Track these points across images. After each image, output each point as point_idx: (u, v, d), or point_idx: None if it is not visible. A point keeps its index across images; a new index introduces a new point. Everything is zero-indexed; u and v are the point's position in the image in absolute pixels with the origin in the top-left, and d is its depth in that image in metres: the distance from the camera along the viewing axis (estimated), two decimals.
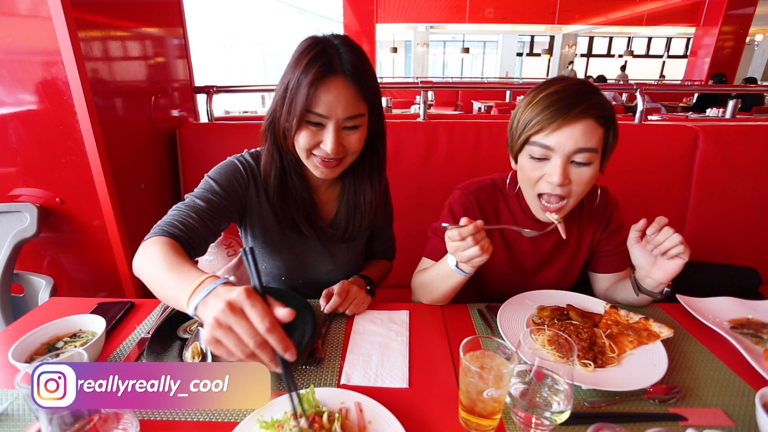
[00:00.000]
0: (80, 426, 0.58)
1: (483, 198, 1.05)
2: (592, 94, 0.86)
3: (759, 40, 12.74)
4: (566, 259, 1.09)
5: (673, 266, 0.87)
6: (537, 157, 0.88)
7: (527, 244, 1.06)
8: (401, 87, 7.47)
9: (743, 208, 1.69)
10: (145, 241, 0.78)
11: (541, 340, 0.80)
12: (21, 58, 1.29)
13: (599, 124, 0.84)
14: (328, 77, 0.82)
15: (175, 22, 1.79)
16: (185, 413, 0.68)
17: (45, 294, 1.40)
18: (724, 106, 3.28)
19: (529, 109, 0.88)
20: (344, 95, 0.84)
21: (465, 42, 15.61)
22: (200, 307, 0.59)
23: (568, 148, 0.83)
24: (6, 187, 1.42)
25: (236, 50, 15.41)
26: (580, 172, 0.86)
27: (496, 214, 1.05)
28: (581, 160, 0.84)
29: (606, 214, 1.07)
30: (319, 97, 0.82)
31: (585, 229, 1.07)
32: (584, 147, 0.83)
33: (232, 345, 0.54)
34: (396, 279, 1.66)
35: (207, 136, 1.72)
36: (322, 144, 0.87)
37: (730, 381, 0.76)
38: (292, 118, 0.86)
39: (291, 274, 1.12)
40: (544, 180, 0.88)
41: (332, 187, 1.08)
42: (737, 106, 2.72)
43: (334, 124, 0.85)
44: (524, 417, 0.63)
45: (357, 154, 0.94)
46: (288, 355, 0.55)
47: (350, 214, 1.07)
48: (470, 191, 1.05)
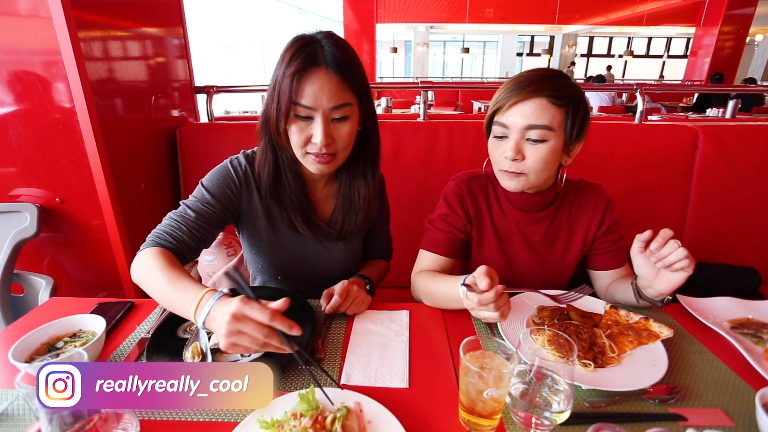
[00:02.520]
0: (80, 426, 0.58)
1: (474, 186, 1.08)
2: (551, 78, 0.90)
3: (759, 40, 12.74)
4: (558, 253, 1.09)
5: (676, 279, 0.86)
6: (498, 135, 0.95)
7: (518, 236, 1.07)
8: (401, 87, 7.46)
9: (743, 208, 1.69)
10: (141, 251, 0.86)
11: (541, 340, 0.80)
12: (21, 58, 1.29)
13: (552, 104, 0.89)
14: (311, 69, 0.84)
15: (175, 22, 1.80)
16: (185, 413, 0.68)
17: (45, 294, 1.40)
18: (724, 106, 3.28)
19: (496, 93, 0.95)
20: (327, 86, 0.85)
21: (465, 42, 15.63)
22: (207, 322, 0.69)
23: (519, 124, 0.90)
24: (6, 187, 1.42)
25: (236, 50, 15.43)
26: (535, 149, 0.90)
27: (487, 201, 1.08)
28: (535, 137, 0.90)
29: (598, 210, 1.06)
30: (303, 89, 0.84)
31: (576, 223, 1.08)
32: (535, 124, 0.88)
33: (246, 343, 0.65)
34: (396, 279, 1.66)
35: (207, 136, 1.72)
36: (312, 138, 0.88)
37: (730, 381, 0.76)
38: (281, 114, 0.87)
39: (289, 273, 1.13)
40: (502, 156, 0.94)
41: (328, 185, 1.09)
42: (737, 106, 2.72)
43: (322, 115, 0.86)
44: (524, 417, 0.63)
45: (349, 148, 0.95)
46: (294, 331, 0.66)
47: (346, 211, 1.07)
48: (462, 181, 1.09)
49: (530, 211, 1.05)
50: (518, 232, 1.07)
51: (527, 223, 1.06)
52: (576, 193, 1.08)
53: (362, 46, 7.87)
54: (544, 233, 1.07)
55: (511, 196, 1.05)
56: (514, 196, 1.03)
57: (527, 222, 1.06)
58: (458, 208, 1.06)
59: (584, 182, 1.10)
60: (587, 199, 1.07)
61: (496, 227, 1.08)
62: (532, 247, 1.08)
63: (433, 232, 1.08)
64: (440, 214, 1.09)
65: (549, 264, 1.10)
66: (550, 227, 1.07)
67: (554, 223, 1.07)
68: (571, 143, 0.94)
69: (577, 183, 1.10)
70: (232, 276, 0.69)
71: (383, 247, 1.28)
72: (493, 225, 1.08)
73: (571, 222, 1.08)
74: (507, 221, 1.07)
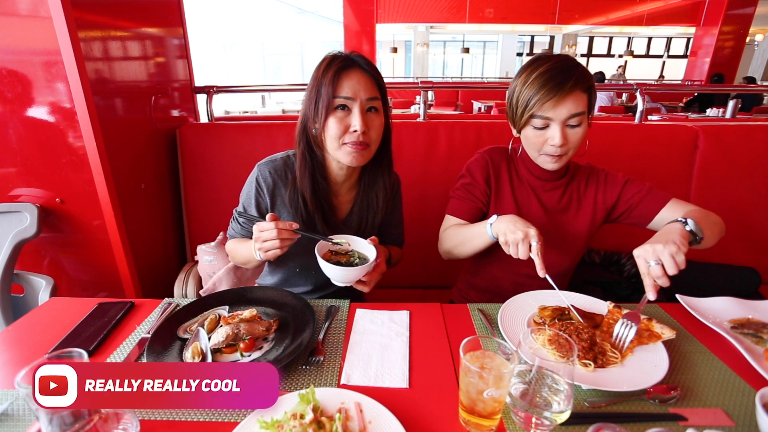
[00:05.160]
0: (80, 426, 0.58)
1: (496, 156, 1.20)
2: (576, 68, 1.02)
3: (759, 40, 12.74)
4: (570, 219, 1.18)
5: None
6: (539, 126, 1.04)
7: (535, 201, 1.18)
8: (401, 87, 7.47)
9: (743, 208, 1.69)
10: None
11: (541, 340, 0.80)
12: (21, 58, 1.29)
13: (584, 92, 1.01)
14: (349, 69, 1.00)
15: (175, 22, 1.79)
16: (185, 413, 0.68)
17: (45, 294, 1.39)
18: (724, 106, 3.28)
19: (526, 89, 1.03)
20: (363, 81, 1.01)
21: (465, 42, 15.59)
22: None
23: (563, 116, 1.01)
24: (6, 187, 1.42)
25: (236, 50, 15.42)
26: (574, 132, 1.03)
27: (508, 169, 1.20)
28: (574, 122, 1.02)
29: (600, 179, 1.17)
30: (343, 83, 0.99)
31: (585, 196, 1.18)
32: (575, 113, 1.01)
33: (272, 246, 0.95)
34: (396, 279, 1.66)
35: (207, 136, 1.72)
36: (351, 127, 1.00)
37: (731, 381, 0.76)
38: (321, 111, 0.99)
39: (305, 265, 1.17)
40: (548, 144, 1.04)
41: (351, 191, 1.19)
42: (737, 106, 2.71)
43: (359, 104, 1.00)
44: (524, 417, 0.63)
45: (378, 142, 1.07)
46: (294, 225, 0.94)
47: (363, 213, 1.18)
48: (486, 151, 1.22)
49: (547, 179, 1.17)
50: (535, 198, 1.18)
51: (543, 189, 1.18)
52: (584, 174, 1.20)
53: (362, 46, 7.85)
54: (557, 200, 1.18)
55: (531, 166, 1.16)
56: (534, 166, 1.14)
57: (543, 189, 1.18)
58: (480, 176, 1.18)
59: (591, 166, 1.22)
60: (593, 178, 1.19)
61: (515, 193, 1.19)
62: (548, 210, 1.18)
63: (455, 200, 1.22)
64: (463, 183, 1.21)
65: (563, 228, 1.18)
66: (563, 195, 1.18)
67: (566, 192, 1.18)
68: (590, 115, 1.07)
69: (585, 167, 1.22)
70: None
71: (398, 235, 1.34)
72: (513, 190, 1.19)
73: (580, 195, 1.19)
74: (525, 188, 1.19)
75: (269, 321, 0.91)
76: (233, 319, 0.89)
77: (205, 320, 0.91)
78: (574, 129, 1.03)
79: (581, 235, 1.18)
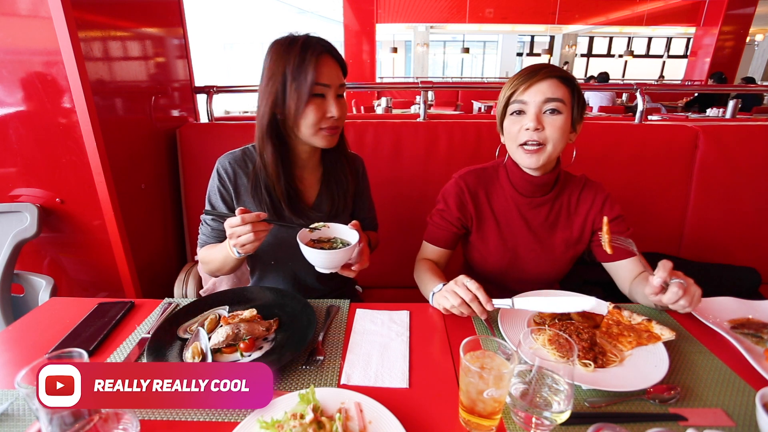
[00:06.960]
0: (80, 426, 0.58)
1: (471, 180, 1.18)
2: (555, 67, 1.04)
3: (759, 40, 12.73)
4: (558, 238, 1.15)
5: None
6: (516, 111, 1.05)
7: (519, 219, 1.15)
8: (401, 87, 7.48)
9: (743, 208, 1.69)
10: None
11: (541, 340, 0.80)
12: (21, 58, 1.29)
13: (562, 83, 1.02)
14: (324, 55, 1.00)
15: (175, 22, 1.79)
16: (185, 413, 0.68)
17: (45, 294, 1.39)
18: (724, 106, 3.28)
19: (506, 85, 1.07)
20: (334, 68, 1.03)
21: (465, 42, 15.58)
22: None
23: (538, 99, 1.01)
24: (6, 187, 1.42)
25: (236, 50, 15.42)
26: (552, 120, 1.01)
27: (486, 192, 1.18)
28: (551, 107, 1.01)
29: (597, 201, 1.13)
30: (322, 70, 0.99)
31: (575, 213, 1.15)
32: (551, 97, 1.00)
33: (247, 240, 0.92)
34: (396, 279, 1.66)
35: (207, 136, 1.72)
36: (328, 113, 1.01)
37: (730, 381, 0.76)
38: (299, 98, 0.98)
39: (281, 258, 1.17)
40: (523, 129, 1.03)
41: (315, 171, 1.18)
42: (737, 106, 2.71)
43: (333, 91, 1.01)
44: (524, 417, 0.63)
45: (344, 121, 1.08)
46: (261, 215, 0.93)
47: (333, 194, 1.18)
48: (460, 176, 1.19)
49: (532, 195, 1.13)
50: (519, 216, 1.15)
51: (528, 207, 1.14)
52: (577, 186, 1.16)
53: (362, 46, 7.86)
54: (544, 217, 1.15)
55: (514, 181, 1.13)
56: (518, 180, 1.12)
57: (528, 206, 1.14)
58: (453, 204, 1.16)
59: (586, 178, 1.17)
60: (587, 193, 1.15)
61: (496, 214, 1.17)
62: (533, 229, 1.15)
63: (431, 226, 1.21)
64: (437, 210, 1.21)
65: (549, 248, 1.15)
66: (550, 212, 1.14)
67: (554, 208, 1.15)
68: (574, 122, 1.06)
69: (580, 178, 1.17)
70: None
71: (371, 218, 1.35)
72: (493, 212, 1.17)
73: (570, 210, 1.15)
74: (508, 206, 1.16)
75: (269, 321, 0.91)
76: (233, 319, 0.89)
77: (205, 320, 0.91)
78: (552, 117, 1.01)
79: (571, 247, 1.16)
